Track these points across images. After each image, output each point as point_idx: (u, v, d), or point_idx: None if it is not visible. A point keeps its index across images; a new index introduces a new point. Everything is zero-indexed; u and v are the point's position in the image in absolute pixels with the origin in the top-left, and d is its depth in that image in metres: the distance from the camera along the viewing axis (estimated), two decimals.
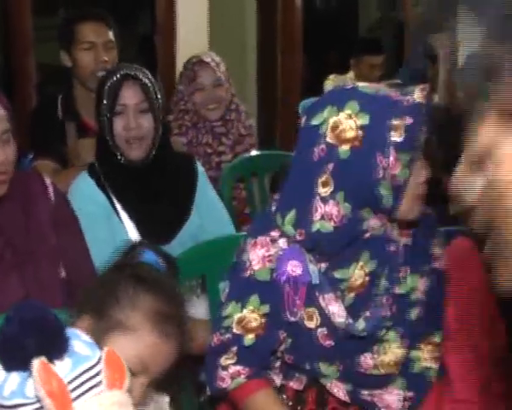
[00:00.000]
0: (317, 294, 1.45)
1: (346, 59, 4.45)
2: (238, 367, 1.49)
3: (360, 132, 1.34)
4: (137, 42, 4.37)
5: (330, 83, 4.15)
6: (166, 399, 1.29)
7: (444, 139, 4.08)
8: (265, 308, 1.47)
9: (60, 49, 2.61)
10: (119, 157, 1.99)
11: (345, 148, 1.34)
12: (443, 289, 1.50)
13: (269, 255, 1.45)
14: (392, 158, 1.33)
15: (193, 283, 2.02)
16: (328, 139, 1.35)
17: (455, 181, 0.66)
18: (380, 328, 1.47)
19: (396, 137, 1.33)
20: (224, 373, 1.50)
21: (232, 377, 1.50)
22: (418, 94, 1.34)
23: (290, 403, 1.56)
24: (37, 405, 0.90)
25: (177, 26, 3.64)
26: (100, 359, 0.95)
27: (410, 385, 1.53)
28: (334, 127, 1.35)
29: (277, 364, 1.55)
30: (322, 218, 1.39)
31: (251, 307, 1.47)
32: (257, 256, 1.46)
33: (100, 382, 0.93)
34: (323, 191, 1.38)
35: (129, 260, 1.30)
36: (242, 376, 1.49)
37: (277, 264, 1.44)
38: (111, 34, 2.60)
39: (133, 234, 2.02)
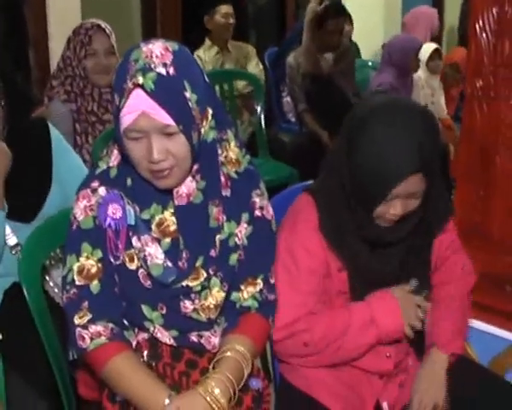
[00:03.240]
0: (134, 235, 1.52)
1: None
2: (99, 328, 1.50)
3: None
4: (4, 15, 4.20)
5: None
6: None
7: (314, 105, 4.18)
8: (98, 253, 1.54)
9: None
10: None
11: None
12: (264, 235, 1.61)
13: (90, 205, 1.54)
14: None
15: (57, 251, 2.00)
16: None
17: None
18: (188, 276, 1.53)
19: None
20: (84, 332, 1.50)
21: (92, 338, 1.50)
22: None
23: (146, 359, 1.58)
24: None
25: None
26: None
27: (233, 325, 1.59)
28: None
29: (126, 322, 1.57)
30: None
31: (85, 255, 1.54)
32: (79, 208, 1.54)
33: None
34: None
35: None
36: (103, 337, 1.50)
37: (98, 210, 1.52)
38: None
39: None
